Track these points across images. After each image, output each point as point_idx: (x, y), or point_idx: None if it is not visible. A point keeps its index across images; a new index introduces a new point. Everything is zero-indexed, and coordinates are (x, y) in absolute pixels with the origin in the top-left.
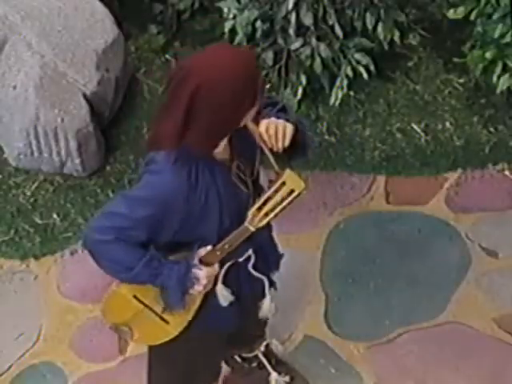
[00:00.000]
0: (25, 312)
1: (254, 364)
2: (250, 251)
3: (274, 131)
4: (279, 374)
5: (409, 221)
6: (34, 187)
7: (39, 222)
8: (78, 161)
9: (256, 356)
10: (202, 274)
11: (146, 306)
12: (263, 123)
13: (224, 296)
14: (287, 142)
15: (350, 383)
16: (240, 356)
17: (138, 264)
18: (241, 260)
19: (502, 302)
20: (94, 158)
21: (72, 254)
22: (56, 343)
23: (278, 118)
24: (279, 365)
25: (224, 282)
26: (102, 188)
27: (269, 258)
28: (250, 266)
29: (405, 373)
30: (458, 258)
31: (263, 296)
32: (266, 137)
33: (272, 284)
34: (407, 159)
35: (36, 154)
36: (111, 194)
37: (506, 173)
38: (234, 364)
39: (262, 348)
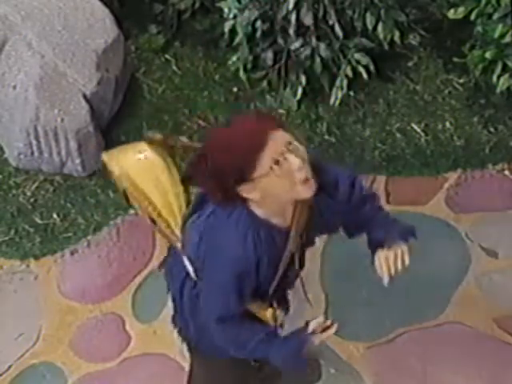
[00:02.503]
0: (25, 312)
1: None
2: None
3: (393, 260)
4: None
5: (409, 221)
6: (34, 187)
7: (39, 221)
8: (78, 161)
9: None
10: (317, 340)
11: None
12: (382, 255)
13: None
14: (404, 266)
15: (350, 383)
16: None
17: (251, 342)
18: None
19: (501, 302)
20: (94, 157)
21: (72, 253)
22: (56, 343)
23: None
24: None
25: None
26: (102, 188)
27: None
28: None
29: (404, 373)
30: (458, 257)
31: None
32: (385, 268)
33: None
34: (407, 159)
35: (36, 154)
36: (111, 194)
37: (506, 173)
38: None
39: None
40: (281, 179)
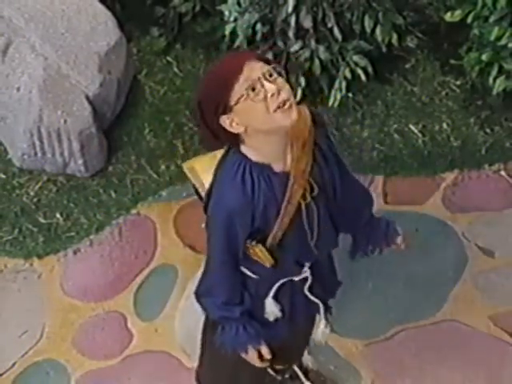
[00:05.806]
0: (28, 310)
1: (287, 375)
2: (307, 272)
3: None
4: (312, 383)
5: (406, 220)
6: (37, 187)
7: (43, 221)
8: (80, 161)
9: (289, 367)
10: (253, 356)
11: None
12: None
13: (271, 311)
14: None
15: (349, 380)
16: (272, 367)
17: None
18: (296, 279)
19: (497, 301)
20: (97, 158)
21: (75, 253)
22: (59, 341)
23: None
24: (310, 373)
25: (276, 298)
26: (104, 188)
27: (327, 283)
28: (305, 288)
29: (402, 370)
30: (455, 256)
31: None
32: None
33: (328, 309)
34: (405, 160)
35: (39, 154)
36: (113, 194)
37: (502, 173)
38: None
39: None
40: (256, 105)
